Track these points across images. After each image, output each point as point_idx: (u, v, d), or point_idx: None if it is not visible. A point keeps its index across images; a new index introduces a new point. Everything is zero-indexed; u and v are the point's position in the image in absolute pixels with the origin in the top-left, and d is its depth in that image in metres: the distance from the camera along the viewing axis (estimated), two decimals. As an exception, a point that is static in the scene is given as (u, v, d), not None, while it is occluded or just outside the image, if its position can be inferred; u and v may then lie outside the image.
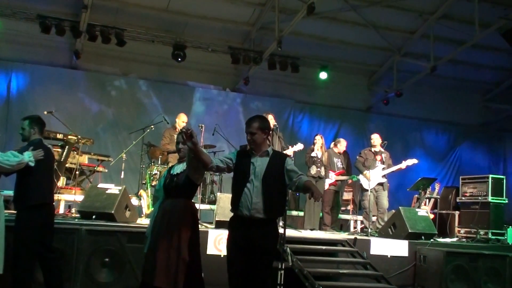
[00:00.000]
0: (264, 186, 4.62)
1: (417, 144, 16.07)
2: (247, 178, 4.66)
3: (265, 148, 4.83)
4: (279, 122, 9.92)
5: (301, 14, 10.75)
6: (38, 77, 12.59)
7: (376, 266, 7.51)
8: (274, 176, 4.67)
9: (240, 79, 14.08)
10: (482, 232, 10.18)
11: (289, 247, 6.84)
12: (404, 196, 12.53)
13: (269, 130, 4.94)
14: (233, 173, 4.92)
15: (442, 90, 15.71)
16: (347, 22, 12.92)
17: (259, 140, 4.78)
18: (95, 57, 13.01)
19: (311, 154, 9.73)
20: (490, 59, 14.39)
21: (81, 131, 10.66)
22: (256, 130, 4.74)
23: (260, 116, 5.03)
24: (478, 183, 10.87)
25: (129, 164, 11.18)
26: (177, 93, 13.88)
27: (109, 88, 13.39)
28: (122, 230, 6.72)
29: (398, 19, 12.94)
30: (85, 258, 6.36)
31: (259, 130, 4.75)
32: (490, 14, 11.45)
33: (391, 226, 8.92)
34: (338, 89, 15.03)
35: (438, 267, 7.79)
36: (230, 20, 12.96)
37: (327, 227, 9.84)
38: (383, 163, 9.84)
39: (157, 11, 12.41)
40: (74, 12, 11.83)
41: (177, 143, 5.18)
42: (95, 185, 8.19)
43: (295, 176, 4.71)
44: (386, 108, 15.19)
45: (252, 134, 4.75)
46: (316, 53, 13.95)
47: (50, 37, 11.61)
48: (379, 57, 14.75)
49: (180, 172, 4.97)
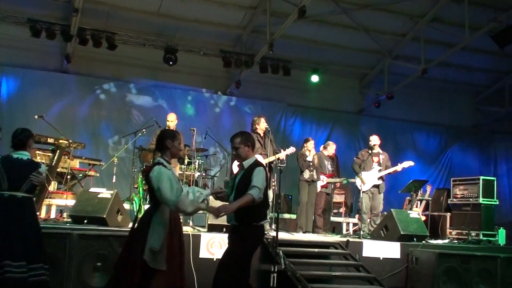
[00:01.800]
0: (235, 197, 4.97)
1: (408, 146, 16.13)
2: (231, 191, 5.13)
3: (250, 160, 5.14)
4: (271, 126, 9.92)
5: (292, 17, 10.79)
6: (29, 81, 12.55)
7: (369, 268, 7.52)
8: (243, 187, 4.94)
9: (232, 82, 14.09)
10: (473, 234, 10.25)
11: (281, 250, 6.84)
12: (395, 198, 12.57)
13: (252, 143, 5.20)
14: None
15: (433, 92, 15.81)
16: (338, 25, 12.97)
17: (243, 154, 5.13)
18: (86, 61, 12.98)
19: (306, 158, 9.74)
20: (480, 61, 14.50)
21: (72, 135, 10.63)
22: (238, 145, 5.11)
23: (242, 131, 5.32)
24: (469, 184, 10.93)
25: (120, 168, 11.18)
26: (168, 97, 13.88)
27: (100, 92, 13.35)
28: (114, 235, 6.69)
29: (389, 22, 13.00)
30: (77, 263, 6.31)
31: (241, 144, 5.10)
32: (480, 17, 11.54)
33: (383, 228, 8.95)
34: (329, 92, 15.07)
35: (430, 269, 7.81)
36: (221, 24, 12.97)
37: (320, 230, 9.87)
38: (380, 165, 9.86)
39: (149, 15, 12.41)
40: (65, 16, 11.82)
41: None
42: (87, 190, 8.17)
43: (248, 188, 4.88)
44: (378, 110, 15.25)
45: (236, 149, 5.13)
46: (307, 56, 14.01)
47: (41, 41, 11.58)
48: (370, 60, 14.82)
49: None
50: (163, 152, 4.86)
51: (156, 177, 4.56)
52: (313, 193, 9.81)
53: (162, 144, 4.87)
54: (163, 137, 4.91)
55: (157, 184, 4.54)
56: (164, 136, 4.92)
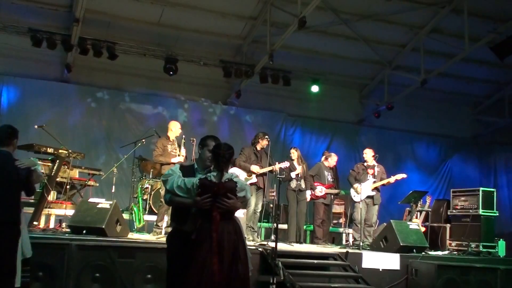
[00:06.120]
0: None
1: (408, 156, 16.12)
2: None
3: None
4: (271, 136, 9.97)
5: (293, 28, 10.83)
6: (29, 91, 12.54)
7: (368, 279, 7.50)
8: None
9: (232, 92, 14.12)
10: (473, 245, 10.22)
11: (280, 261, 6.83)
12: (395, 209, 12.55)
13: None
14: None
15: (432, 103, 15.81)
16: (338, 35, 13.01)
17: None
18: (86, 70, 13.01)
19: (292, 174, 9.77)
20: (480, 72, 14.52)
21: (72, 145, 10.63)
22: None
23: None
24: (469, 196, 10.92)
25: (120, 178, 11.18)
26: (169, 107, 13.89)
27: (101, 102, 13.34)
28: (113, 245, 6.70)
29: (388, 33, 13.05)
30: (76, 274, 6.30)
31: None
32: (480, 28, 11.60)
33: (383, 239, 8.94)
34: (329, 102, 15.10)
35: (429, 280, 7.79)
36: (222, 34, 13.01)
37: (319, 241, 9.87)
38: (374, 177, 9.89)
39: (149, 25, 12.44)
40: (66, 25, 11.86)
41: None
42: (86, 200, 8.18)
43: None
44: (378, 121, 15.27)
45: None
46: (307, 67, 14.05)
47: (41, 51, 11.59)
48: (370, 70, 14.85)
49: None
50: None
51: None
52: (303, 203, 9.83)
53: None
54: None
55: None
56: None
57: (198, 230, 4.41)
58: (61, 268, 6.26)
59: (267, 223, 11.12)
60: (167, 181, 4.59)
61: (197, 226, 4.45)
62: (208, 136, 4.87)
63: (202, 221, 4.44)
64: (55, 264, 6.24)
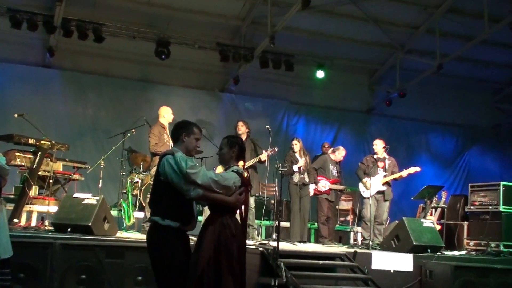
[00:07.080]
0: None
1: (422, 148, 16.16)
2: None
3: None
4: (272, 125, 9.98)
5: (296, 7, 10.80)
6: (8, 77, 12.56)
7: (378, 282, 7.51)
8: None
9: (230, 78, 14.11)
10: (493, 244, 10.21)
11: (283, 261, 6.84)
12: (408, 206, 12.59)
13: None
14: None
15: (449, 90, 15.81)
16: (346, 16, 12.98)
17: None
18: (70, 54, 13.01)
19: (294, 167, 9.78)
20: (500, 56, 14.50)
21: (56, 135, 10.61)
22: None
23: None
24: (489, 191, 10.91)
25: (108, 171, 11.15)
26: (160, 94, 13.84)
27: (86, 89, 13.34)
28: (100, 244, 6.70)
29: (401, 13, 13.01)
30: (60, 275, 6.31)
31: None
32: (500, 8, 11.56)
33: (394, 238, 8.94)
34: (336, 89, 15.10)
35: (445, 283, 7.80)
36: (218, 14, 12.98)
37: (325, 239, 9.89)
38: (385, 170, 9.90)
39: (139, 4, 12.42)
40: (48, 5, 11.82)
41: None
42: (71, 195, 8.16)
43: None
44: (389, 109, 15.28)
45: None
46: (312, 50, 14.03)
47: (22, 33, 11.58)
48: (380, 54, 14.84)
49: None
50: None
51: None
52: (306, 198, 9.85)
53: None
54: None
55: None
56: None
57: (222, 225, 4.42)
58: (44, 269, 6.27)
59: (268, 220, 11.14)
60: (196, 173, 4.33)
61: (223, 222, 4.45)
62: (190, 122, 4.82)
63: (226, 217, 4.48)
64: (37, 265, 6.25)
